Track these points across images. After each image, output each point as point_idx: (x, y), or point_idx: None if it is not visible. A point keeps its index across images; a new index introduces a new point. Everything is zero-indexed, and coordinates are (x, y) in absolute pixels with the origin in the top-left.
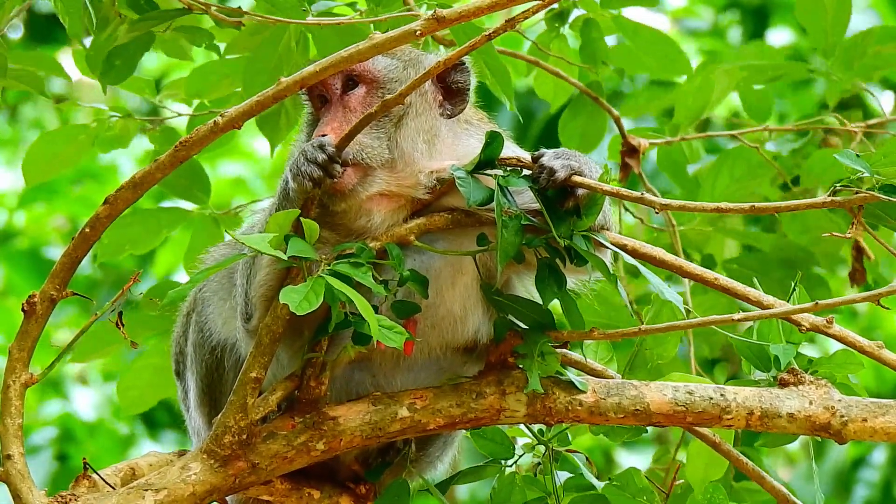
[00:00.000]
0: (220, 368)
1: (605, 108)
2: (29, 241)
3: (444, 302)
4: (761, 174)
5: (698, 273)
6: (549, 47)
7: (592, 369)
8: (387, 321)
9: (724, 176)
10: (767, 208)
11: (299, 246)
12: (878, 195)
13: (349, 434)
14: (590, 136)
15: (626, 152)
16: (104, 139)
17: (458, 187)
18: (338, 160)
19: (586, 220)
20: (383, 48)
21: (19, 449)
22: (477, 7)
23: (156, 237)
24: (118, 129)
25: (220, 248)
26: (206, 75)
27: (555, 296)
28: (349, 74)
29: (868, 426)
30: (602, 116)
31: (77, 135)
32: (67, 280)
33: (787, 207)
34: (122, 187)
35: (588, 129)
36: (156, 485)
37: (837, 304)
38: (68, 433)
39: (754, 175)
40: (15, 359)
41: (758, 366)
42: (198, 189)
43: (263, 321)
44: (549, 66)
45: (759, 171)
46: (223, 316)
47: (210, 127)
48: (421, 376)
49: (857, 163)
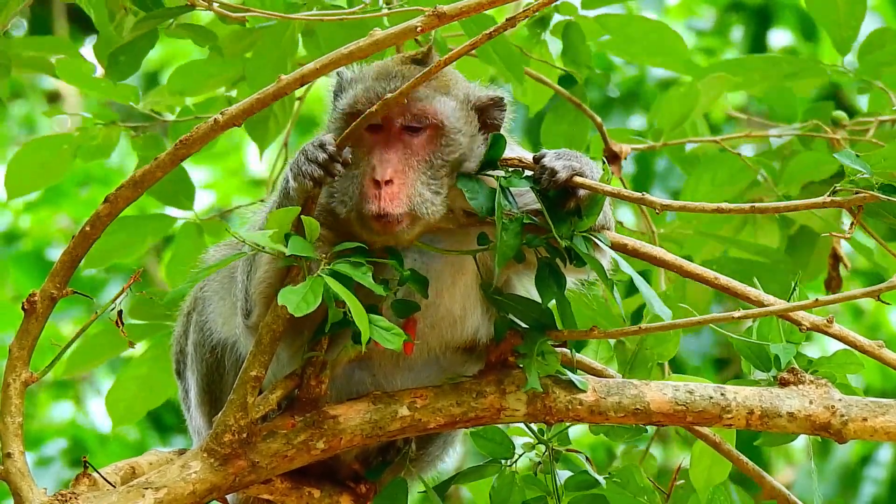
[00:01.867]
0: (221, 367)
1: (587, 114)
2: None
3: (443, 302)
4: (742, 179)
5: (698, 272)
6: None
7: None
8: (385, 322)
9: (706, 182)
10: (767, 208)
11: (299, 244)
12: (877, 195)
13: (349, 433)
14: (573, 141)
15: (608, 158)
16: (87, 149)
17: (468, 200)
18: (339, 159)
19: (587, 220)
20: (384, 45)
21: (19, 447)
22: (478, 3)
23: (141, 244)
24: (101, 139)
25: (220, 249)
26: (190, 74)
27: (554, 296)
28: (418, 115)
29: (868, 425)
30: (585, 122)
31: (60, 144)
32: (68, 279)
33: (787, 208)
34: (122, 186)
35: (571, 134)
36: (156, 483)
37: (837, 301)
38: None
39: (735, 181)
40: (15, 357)
41: (758, 365)
42: (183, 195)
43: (264, 320)
44: (532, 72)
45: (741, 177)
46: (223, 315)
47: (210, 125)
48: (421, 375)
49: (857, 163)
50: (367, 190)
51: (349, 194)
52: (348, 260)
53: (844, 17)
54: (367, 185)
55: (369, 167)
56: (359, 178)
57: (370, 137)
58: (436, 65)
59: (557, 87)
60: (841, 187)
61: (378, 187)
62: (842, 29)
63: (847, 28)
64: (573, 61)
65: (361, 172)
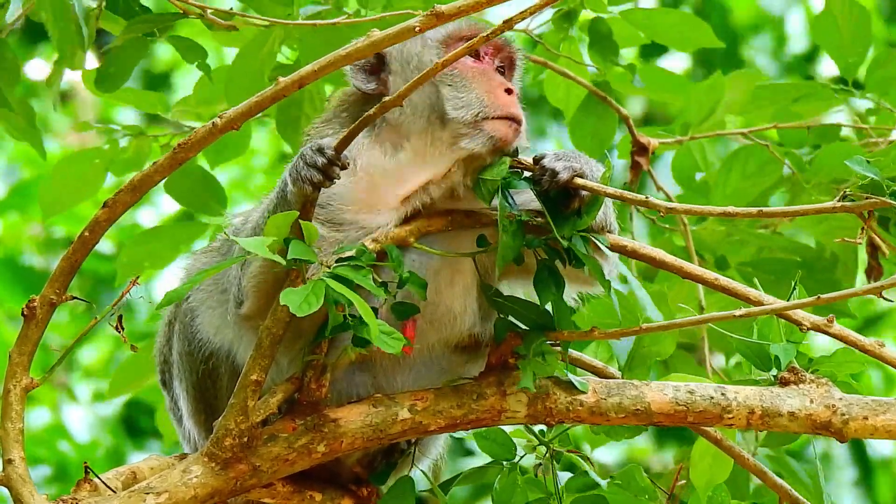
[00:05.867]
0: (215, 375)
1: (614, 108)
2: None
3: (443, 301)
4: (773, 171)
5: (698, 274)
6: (557, 48)
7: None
8: (385, 326)
9: (736, 174)
10: (776, 213)
11: (299, 249)
12: (888, 201)
13: (350, 436)
14: (601, 136)
15: (636, 151)
16: (119, 162)
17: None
18: (337, 163)
19: (586, 218)
20: (381, 45)
21: (20, 453)
22: (476, 2)
23: (174, 252)
24: (132, 151)
25: (205, 255)
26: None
27: (553, 297)
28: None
29: (869, 424)
30: (612, 116)
31: (92, 159)
32: (67, 284)
33: (796, 212)
34: (120, 190)
35: (599, 129)
36: (157, 488)
37: (839, 298)
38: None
39: (765, 172)
40: (15, 363)
41: (758, 365)
42: (214, 201)
43: (263, 323)
44: (558, 67)
45: (771, 169)
46: (215, 324)
47: (209, 128)
48: (422, 377)
49: (868, 169)
50: (502, 96)
51: (469, 101)
52: (348, 263)
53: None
54: (500, 93)
55: (495, 80)
56: (482, 85)
57: (472, 61)
58: (435, 65)
59: (585, 83)
60: (851, 192)
61: (511, 94)
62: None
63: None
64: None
65: (487, 81)
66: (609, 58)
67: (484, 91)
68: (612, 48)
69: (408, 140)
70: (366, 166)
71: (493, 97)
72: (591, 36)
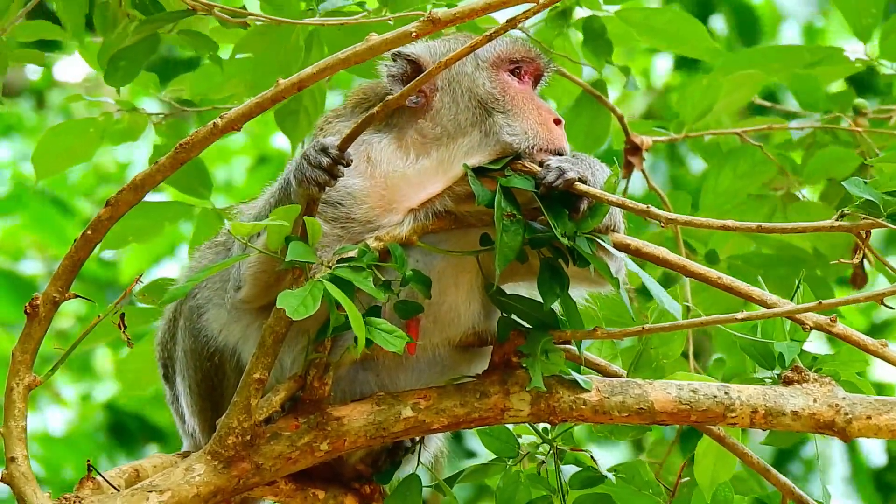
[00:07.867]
0: (220, 373)
1: (608, 107)
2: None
3: (446, 299)
4: (764, 171)
5: (701, 272)
6: (552, 46)
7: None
8: (387, 325)
9: (727, 173)
10: (774, 228)
11: (299, 250)
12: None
13: (353, 434)
14: (594, 134)
15: (629, 150)
16: (113, 132)
17: (471, 185)
18: (342, 162)
19: (591, 221)
20: (379, 50)
21: (23, 451)
22: (471, 9)
23: (158, 230)
24: (126, 123)
25: (210, 251)
26: (211, 76)
27: (556, 297)
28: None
29: (872, 423)
30: (606, 115)
31: (86, 128)
32: (70, 282)
33: (794, 229)
34: (123, 189)
35: (592, 127)
36: (160, 486)
37: (841, 304)
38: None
39: (757, 172)
40: (18, 361)
41: (762, 364)
42: (201, 186)
43: (266, 322)
44: None
45: (762, 169)
46: (220, 321)
47: (210, 129)
48: (425, 376)
49: (865, 191)
50: (554, 129)
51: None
52: (350, 264)
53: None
54: (551, 125)
55: (544, 108)
56: (534, 115)
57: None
58: (436, 66)
59: (579, 81)
60: (849, 211)
61: (559, 125)
62: (861, 17)
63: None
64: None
65: (537, 110)
66: (602, 56)
67: (537, 123)
68: (605, 46)
69: (436, 150)
70: (386, 170)
71: (547, 130)
72: (586, 34)
